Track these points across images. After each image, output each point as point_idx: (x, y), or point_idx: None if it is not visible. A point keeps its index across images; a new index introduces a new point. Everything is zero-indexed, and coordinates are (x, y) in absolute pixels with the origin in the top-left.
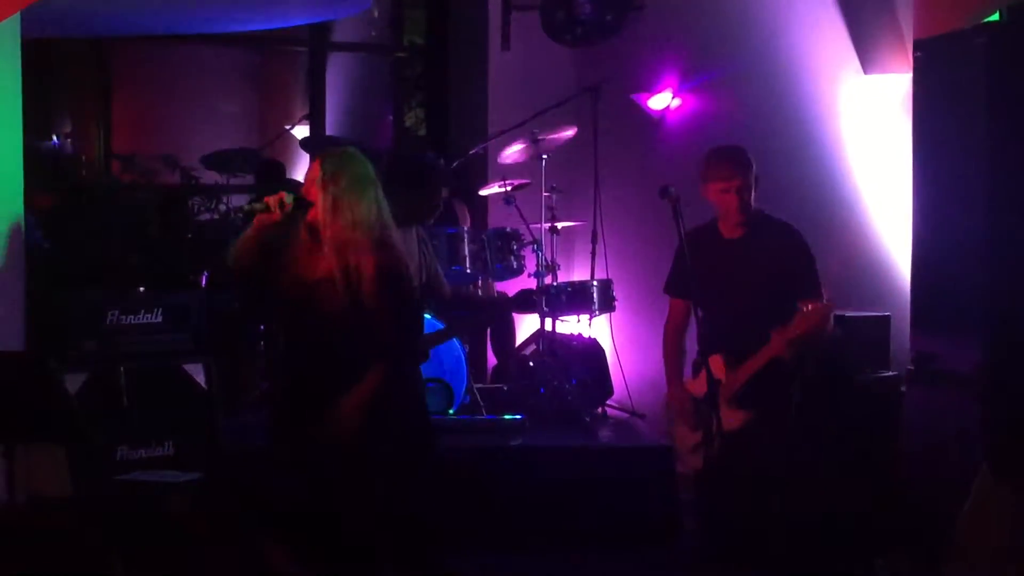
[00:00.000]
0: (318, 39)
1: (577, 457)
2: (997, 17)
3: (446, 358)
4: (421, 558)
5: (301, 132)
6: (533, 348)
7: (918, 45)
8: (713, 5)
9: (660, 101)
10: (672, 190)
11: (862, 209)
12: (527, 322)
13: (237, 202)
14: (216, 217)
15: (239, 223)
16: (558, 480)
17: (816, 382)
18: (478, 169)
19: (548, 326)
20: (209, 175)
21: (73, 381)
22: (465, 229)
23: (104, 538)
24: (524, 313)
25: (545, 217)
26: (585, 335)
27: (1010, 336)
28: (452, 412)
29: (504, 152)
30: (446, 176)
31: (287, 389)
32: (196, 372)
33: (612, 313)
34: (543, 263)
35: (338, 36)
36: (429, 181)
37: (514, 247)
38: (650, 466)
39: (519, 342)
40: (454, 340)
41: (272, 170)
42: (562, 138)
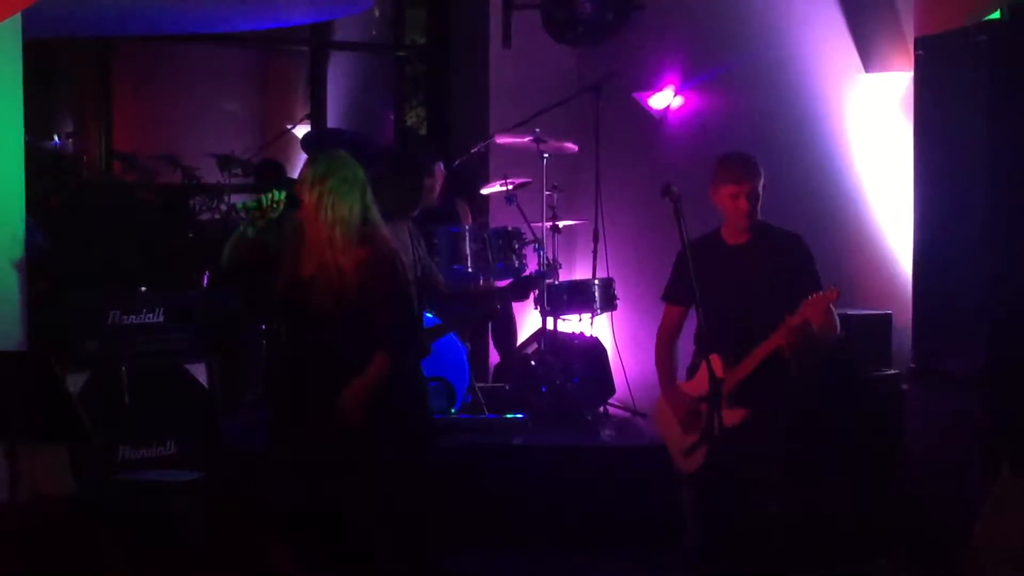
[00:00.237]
0: (319, 38)
1: (579, 456)
2: (998, 15)
3: (448, 357)
4: (421, 556)
5: (302, 131)
6: (535, 347)
7: (919, 43)
8: (714, 4)
9: (661, 100)
10: (674, 189)
11: (863, 207)
12: (529, 321)
13: (238, 202)
14: (217, 217)
15: (241, 222)
16: (559, 479)
17: (818, 380)
18: (479, 168)
19: (550, 325)
20: (210, 175)
21: (75, 381)
22: (467, 228)
23: (106, 537)
24: (521, 300)
25: (546, 216)
26: (587, 334)
27: (1012, 334)
28: (454, 411)
29: (503, 136)
30: (427, 167)
31: (287, 388)
32: (197, 372)
33: (614, 312)
34: (545, 262)
35: (339, 35)
36: (409, 171)
37: (516, 246)
38: (652, 465)
39: (521, 341)
40: (456, 340)
41: (271, 170)
42: (563, 150)
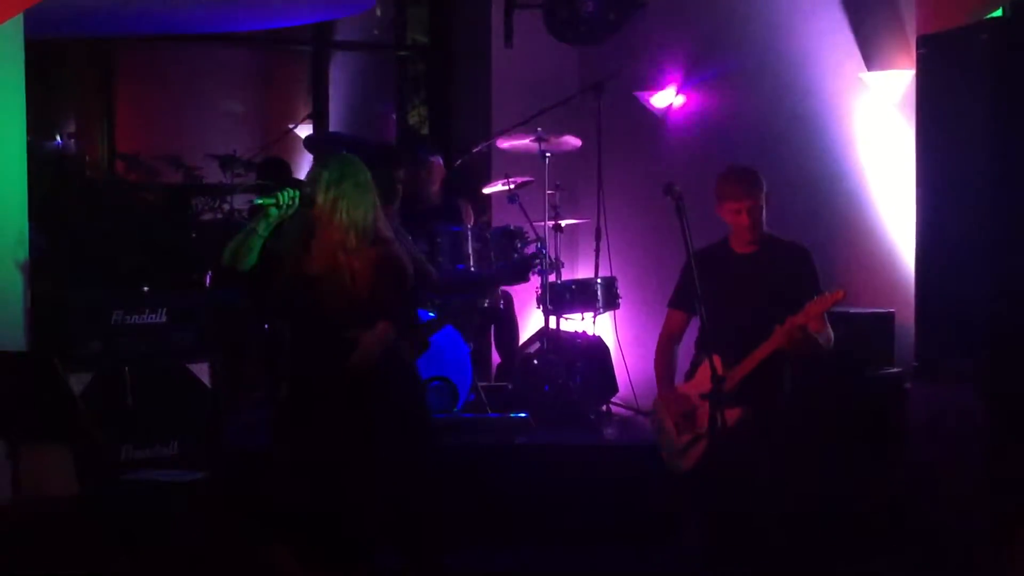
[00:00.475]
0: (321, 38)
1: (581, 455)
2: (1000, 13)
3: (451, 357)
4: (421, 554)
5: (305, 131)
6: (537, 346)
7: (921, 42)
8: (716, 3)
9: (663, 98)
10: (676, 187)
11: (865, 206)
12: (531, 320)
13: (240, 202)
14: (220, 216)
15: (248, 219)
16: (562, 478)
17: (819, 379)
18: (482, 167)
19: (552, 324)
20: (212, 175)
21: (78, 381)
22: (469, 227)
23: (109, 537)
24: (519, 282)
25: (549, 215)
26: (589, 333)
27: (1015, 332)
28: (457, 410)
29: (505, 140)
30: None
31: (291, 386)
32: (200, 372)
33: (616, 311)
34: (547, 261)
35: (341, 35)
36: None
37: (518, 245)
38: (654, 464)
39: (523, 340)
40: (459, 339)
41: (274, 168)
42: (565, 146)
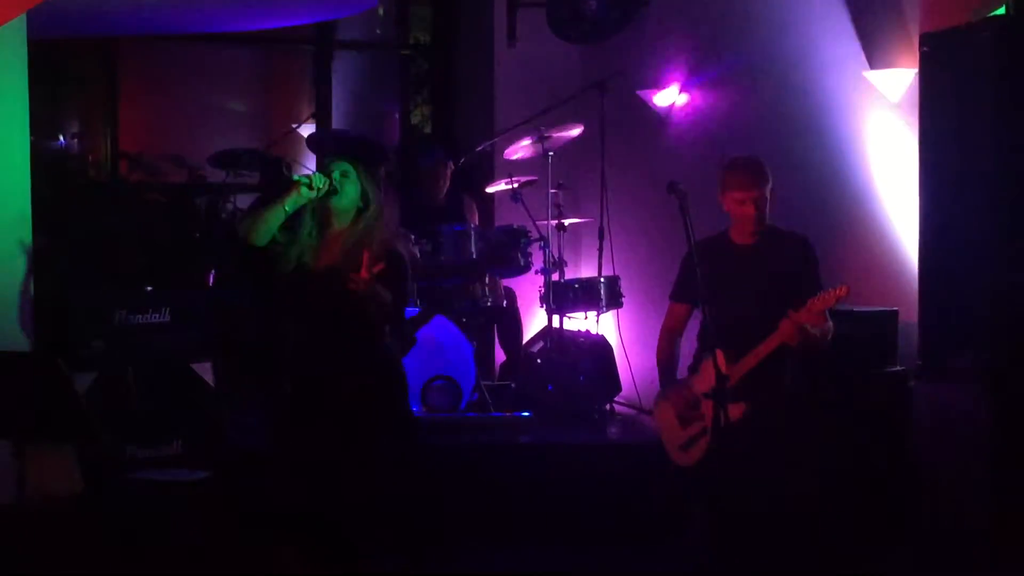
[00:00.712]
0: (324, 38)
1: (585, 453)
2: (1003, 11)
3: (454, 356)
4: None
5: (308, 131)
6: (541, 345)
7: (924, 40)
8: (718, 1)
9: (666, 97)
10: (680, 186)
11: (869, 204)
12: (535, 319)
13: (244, 201)
14: (223, 216)
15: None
16: (566, 477)
17: (823, 375)
18: (485, 166)
19: (555, 323)
20: (216, 175)
21: (81, 381)
22: (472, 226)
23: (112, 536)
24: (500, 268)
25: (552, 214)
26: (592, 332)
27: (1019, 331)
28: (460, 409)
29: (510, 149)
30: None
31: (293, 387)
32: (204, 371)
33: (619, 309)
34: (550, 260)
35: (344, 34)
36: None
37: (521, 244)
38: (658, 462)
39: (527, 339)
40: (462, 338)
41: (278, 167)
42: (568, 136)
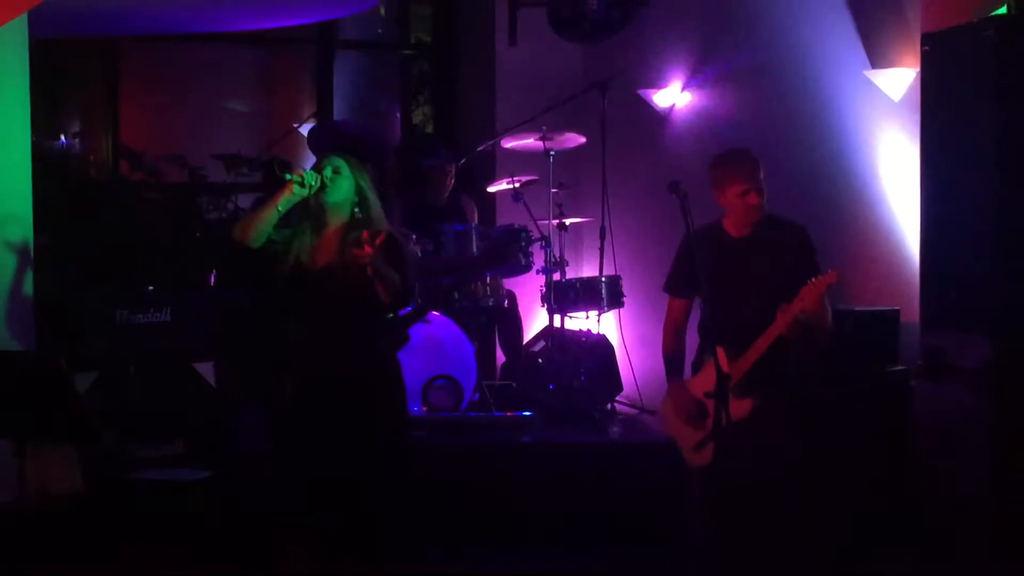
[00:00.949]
0: (325, 37)
1: (586, 453)
2: (1005, 10)
3: (455, 355)
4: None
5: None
6: (542, 345)
7: (926, 39)
8: (719, 1)
9: (667, 96)
10: (681, 186)
11: (870, 204)
12: (536, 319)
13: (244, 201)
14: (224, 216)
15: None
16: (567, 476)
17: (824, 371)
18: (486, 166)
19: (557, 323)
20: (216, 175)
21: (82, 380)
22: (473, 226)
23: (114, 536)
24: (501, 268)
25: (553, 213)
26: (593, 331)
27: (1021, 330)
28: (462, 409)
29: (508, 138)
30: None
31: (295, 388)
32: (205, 371)
33: (621, 309)
34: (551, 259)
35: (345, 34)
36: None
37: (522, 244)
38: (659, 462)
39: (528, 339)
40: (464, 338)
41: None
42: (570, 144)
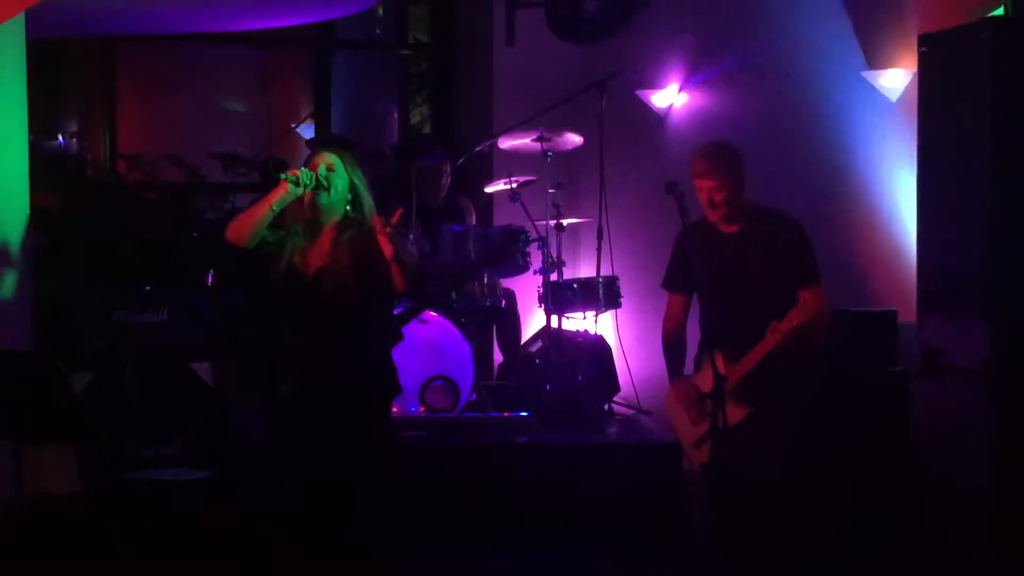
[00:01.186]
0: (323, 37)
1: (583, 454)
2: (1002, 12)
3: (452, 356)
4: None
5: (307, 130)
6: (539, 345)
7: (923, 40)
8: (718, 2)
9: (665, 97)
10: (678, 186)
11: (867, 204)
12: (533, 319)
13: (243, 201)
14: (222, 216)
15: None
16: (565, 477)
17: (823, 377)
18: (484, 166)
19: (554, 323)
20: (214, 174)
21: (81, 380)
22: (471, 227)
23: (113, 536)
24: (499, 268)
25: (550, 214)
26: (591, 332)
27: (1018, 329)
28: (459, 409)
29: (506, 138)
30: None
31: (291, 388)
32: (203, 371)
33: (618, 310)
34: (549, 260)
35: (343, 34)
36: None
37: (520, 244)
38: (657, 462)
39: (525, 339)
40: (461, 338)
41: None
42: (568, 144)
